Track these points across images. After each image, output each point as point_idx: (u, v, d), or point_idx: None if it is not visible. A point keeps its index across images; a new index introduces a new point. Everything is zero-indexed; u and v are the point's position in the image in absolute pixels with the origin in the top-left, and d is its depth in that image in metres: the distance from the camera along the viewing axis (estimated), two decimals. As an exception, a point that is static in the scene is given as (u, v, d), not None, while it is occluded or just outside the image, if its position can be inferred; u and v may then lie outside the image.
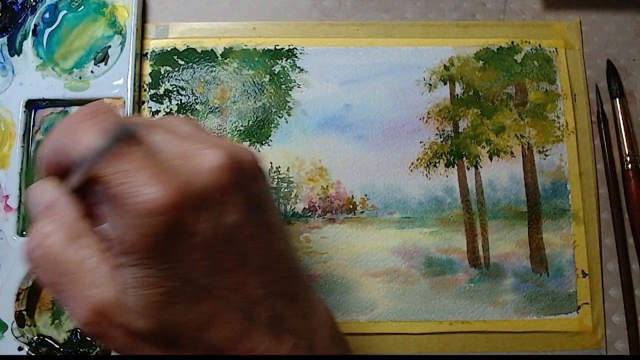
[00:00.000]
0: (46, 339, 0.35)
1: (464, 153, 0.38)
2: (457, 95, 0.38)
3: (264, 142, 0.38)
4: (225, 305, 0.21)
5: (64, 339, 0.35)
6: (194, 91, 0.38)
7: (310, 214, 0.37)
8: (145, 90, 0.38)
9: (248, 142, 0.38)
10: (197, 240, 0.20)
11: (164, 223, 0.19)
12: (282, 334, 0.22)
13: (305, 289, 0.25)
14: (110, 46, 0.38)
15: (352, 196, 0.37)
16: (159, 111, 0.38)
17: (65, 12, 0.39)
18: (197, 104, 0.38)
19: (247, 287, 0.22)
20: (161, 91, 0.38)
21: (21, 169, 0.36)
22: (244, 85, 0.38)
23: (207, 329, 0.21)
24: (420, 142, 0.38)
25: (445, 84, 0.39)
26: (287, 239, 0.25)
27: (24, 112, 0.36)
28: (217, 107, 0.38)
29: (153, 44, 0.39)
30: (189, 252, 0.20)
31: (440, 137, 0.38)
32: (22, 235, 0.35)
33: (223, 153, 0.21)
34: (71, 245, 0.21)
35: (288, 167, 0.37)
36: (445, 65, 0.39)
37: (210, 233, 0.20)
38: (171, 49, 0.39)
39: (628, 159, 0.37)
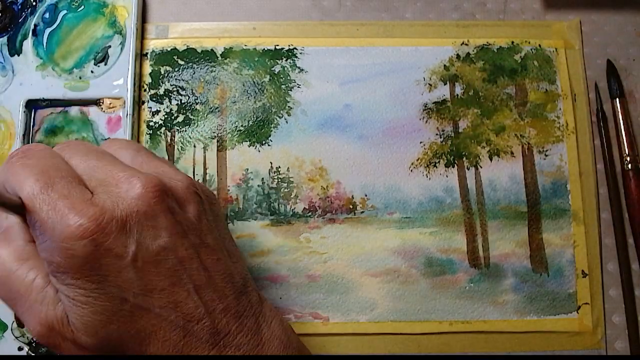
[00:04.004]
0: (46, 339, 0.35)
1: (464, 153, 0.38)
2: (457, 95, 0.39)
3: (264, 142, 0.38)
4: (163, 323, 0.23)
5: (64, 339, 0.35)
6: (194, 91, 0.38)
7: (310, 214, 0.37)
8: (145, 90, 0.38)
9: (248, 142, 0.38)
10: (125, 263, 0.22)
11: (85, 246, 0.21)
12: (225, 349, 0.24)
13: (253, 305, 0.26)
14: (110, 46, 0.38)
15: (352, 196, 0.37)
16: (159, 111, 0.38)
17: (65, 12, 0.39)
18: (197, 104, 0.38)
19: (185, 306, 0.23)
20: (161, 91, 0.38)
21: (21, 169, 0.36)
22: (244, 85, 0.38)
23: (147, 344, 0.23)
24: (420, 142, 0.38)
25: (445, 84, 0.39)
26: (234, 258, 0.26)
27: (24, 112, 0.36)
28: (217, 107, 0.38)
29: (153, 44, 0.39)
30: (118, 272, 0.22)
31: (440, 137, 0.38)
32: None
33: (148, 181, 0.23)
34: (20, 266, 0.23)
35: (288, 167, 0.37)
36: (445, 65, 0.39)
37: (138, 255, 0.22)
38: (171, 49, 0.39)
39: (628, 159, 0.37)
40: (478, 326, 0.35)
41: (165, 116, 0.38)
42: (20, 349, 0.34)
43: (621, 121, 0.38)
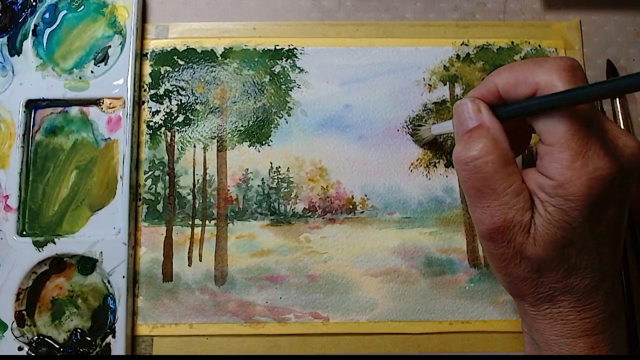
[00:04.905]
0: (46, 339, 0.35)
1: (464, 153, 0.38)
2: (457, 95, 0.38)
3: (264, 142, 0.38)
4: (588, 265, 0.26)
5: (64, 339, 0.35)
6: (194, 91, 0.38)
7: (310, 214, 0.37)
8: (145, 90, 0.38)
9: (248, 142, 0.38)
10: (608, 211, 0.26)
11: (604, 189, 0.25)
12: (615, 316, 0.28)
13: None
14: (110, 46, 0.38)
15: (352, 196, 0.37)
16: (159, 111, 0.38)
17: (65, 12, 0.39)
18: (197, 104, 0.38)
19: (604, 259, 0.27)
20: (161, 91, 0.38)
21: (21, 169, 0.36)
22: (244, 85, 0.38)
23: (570, 275, 0.26)
24: (420, 142, 0.38)
25: (445, 84, 0.39)
26: None
27: (24, 112, 0.36)
28: (217, 107, 0.38)
29: (153, 44, 0.39)
30: (598, 218, 0.26)
31: (440, 137, 0.38)
32: (22, 235, 0.35)
33: (639, 143, 0.27)
34: (502, 169, 0.26)
35: (288, 167, 0.37)
36: (445, 66, 0.39)
37: (614, 210, 0.26)
38: (171, 49, 0.39)
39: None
40: (478, 326, 0.35)
41: (165, 116, 0.38)
42: (20, 349, 0.34)
43: (621, 121, 0.38)
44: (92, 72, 0.38)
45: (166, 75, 0.38)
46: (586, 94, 0.23)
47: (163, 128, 0.38)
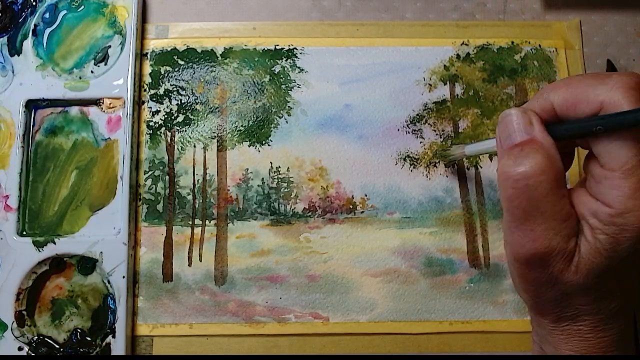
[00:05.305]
0: (46, 339, 0.35)
1: (464, 153, 0.38)
2: (457, 95, 0.38)
3: (264, 142, 0.38)
4: (621, 289, 0.26)
5: (64, 339, 0.35)
6: (194, 91, 0.38)
7: (310, 214, 0.37)
8: (145, 90, 0.38)
9: (248, 142, 0.38)
10: None
11: None
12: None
13: None
14: (110, 46, 0.38)
15: (352, 196, 0.37)
16: (159, 111, 0.38)
17: (65, 12, 0.39)
18: (197, 104, 0.38)
19: (634, 284, 0.26)
20: (161, 91, 0.38)
21: (21, 169, 0.36)
22: (244, 85, 0.38)
23: (601, 299, 0.25)
24: (420, 142, 0.38)
25: (445, 84, 0.39)
26: None
27: (24, 112, 0.36)
28: (217, 107, 0.38)
29: (153, 44, 0.39)
30: None
31: (440, 137, 0.38)
32: (22, 235, 0.35)
33: None
34: (554, 191, 0.24)
35: (288, 167, 0.37)
36: (445, 65, 0.39)
37: None
38: (171, 49, 0.39)
39: None
40: (478, 326, 0.35)
41: (165, 116, 0.38)
42: (20, 349, 0.34)
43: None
44: (92, 72, 0.38)
45: (166, 75, 0.38)
46: None
47: (163, 128, 0.38)
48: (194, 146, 0.37)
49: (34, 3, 0.38)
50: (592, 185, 0.24)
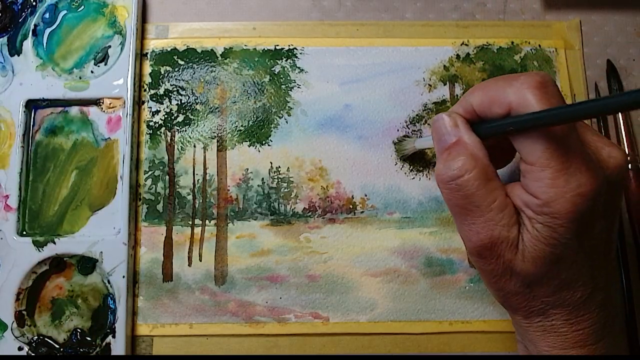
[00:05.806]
0: (46, 339, 0.35)
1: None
2: (457, 95, 0.38)
3: (264, 142, 0.38)
4: (580, 278, 0.26)
5: (64, 339, 0.35)
6: (194, 91, 0.38)
7: (310, 214, 0.37)
8: (145, 90, 0.38)
9: (248, 142, 0.38)
10: (597, 225, 0.26)
11: (589, 204, 0.24)
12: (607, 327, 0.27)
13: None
14: (110, 46, 0.38)
15: (352, 196, 0.37)
16: (159, 111, 0.38)
17: (65, 12, 0.39)
18: (197, 104, 0.38)
19: (595, 271, 0.26)
20: (161, 91, 0.38)
21: (21, 169, 0.36)
22: (244, 85, 0.38)
23: (561, 289, 0.26)
24: (420, 142, 0.38)
25: (445, 84, 0.39)
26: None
27: (24, 112, 0.36)
28: (217, 107, 0.38)
29: (153, 44, 0.39)
30: (587, 232, 0.25)
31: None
32: (22, 235, 0.35)
33: (623, 153, 0.27)
34: (484, 185, 0.26)
35: (288, 167, 0.37)
36: (445, 66, 0.39)
37: (602, 222, 0.26)
38: (171, 49, 0.39)
39: (628, 158, 0.37)
40: (478, 326, 0.35)
41: (165, 116, 0.38)
42: (20, 349, 0.34)
43: (621, 121, 0.38)
44: (92, 72, 0.38)
45: (166, 75, 0.38)
46: (559, 115, 0.23)
47: (163, 128, 0.38)
48: (194, 146, 0.37)
49: (34, 3, 0.38)
50: (522, 179, 0.26)
